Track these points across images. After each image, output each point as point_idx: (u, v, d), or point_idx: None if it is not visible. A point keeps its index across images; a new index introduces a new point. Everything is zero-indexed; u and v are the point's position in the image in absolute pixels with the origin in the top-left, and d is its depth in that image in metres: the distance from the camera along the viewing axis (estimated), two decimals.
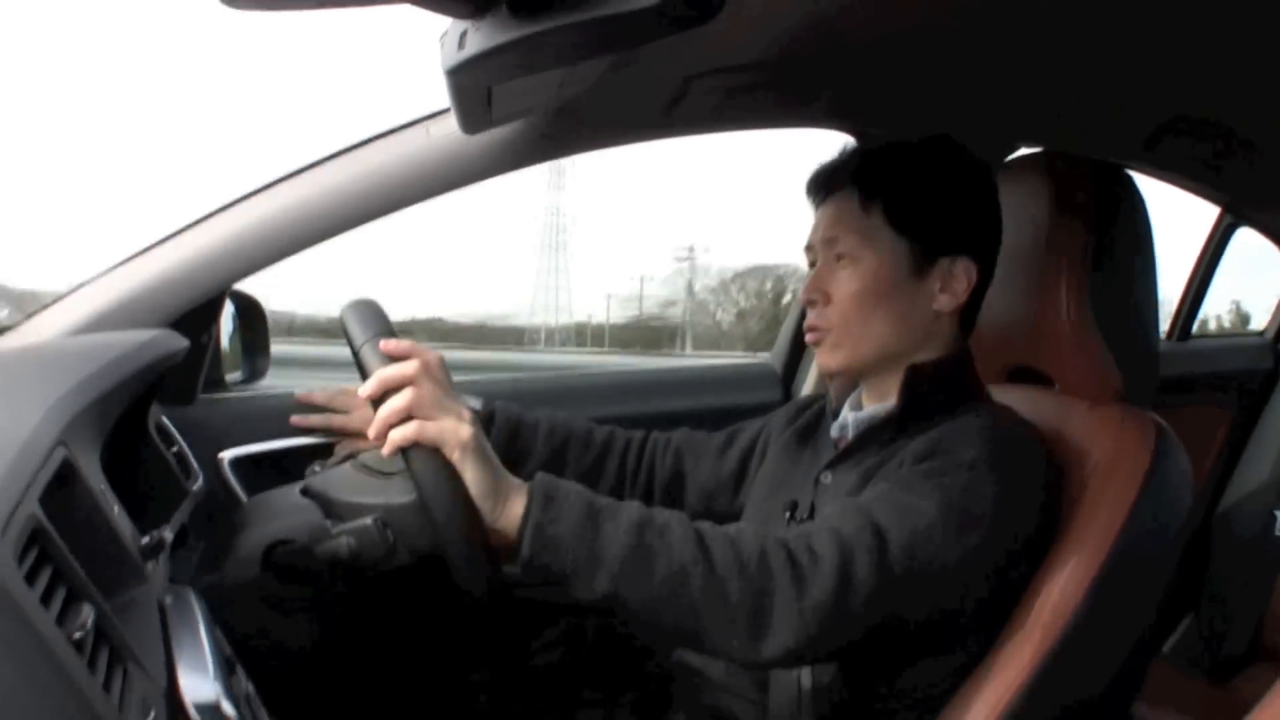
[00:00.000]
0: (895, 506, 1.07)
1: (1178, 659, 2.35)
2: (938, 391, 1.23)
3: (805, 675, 1.17)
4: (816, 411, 1.44)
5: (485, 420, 1.45)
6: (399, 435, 1.00)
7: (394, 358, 1.03)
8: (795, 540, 1.04)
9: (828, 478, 1.28)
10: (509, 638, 1.69)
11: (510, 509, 1.01)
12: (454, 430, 1.00)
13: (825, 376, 1.34)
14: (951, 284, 1.24)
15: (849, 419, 1.31)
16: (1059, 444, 1.24)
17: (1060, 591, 1.13)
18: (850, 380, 1.34)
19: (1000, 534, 1.09)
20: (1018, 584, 1.16)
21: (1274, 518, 2.32)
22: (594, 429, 1.57)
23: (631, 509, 1.03)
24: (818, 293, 1.27)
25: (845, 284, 1.25)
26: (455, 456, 1.00)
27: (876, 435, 1.25)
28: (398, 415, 1.00)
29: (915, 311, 1.24)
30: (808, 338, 1.29)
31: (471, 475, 1.00)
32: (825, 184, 1.30)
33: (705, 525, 1.04)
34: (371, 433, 1.03)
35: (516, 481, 1.04)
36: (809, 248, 1.32)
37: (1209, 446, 2.46)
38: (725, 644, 1.02)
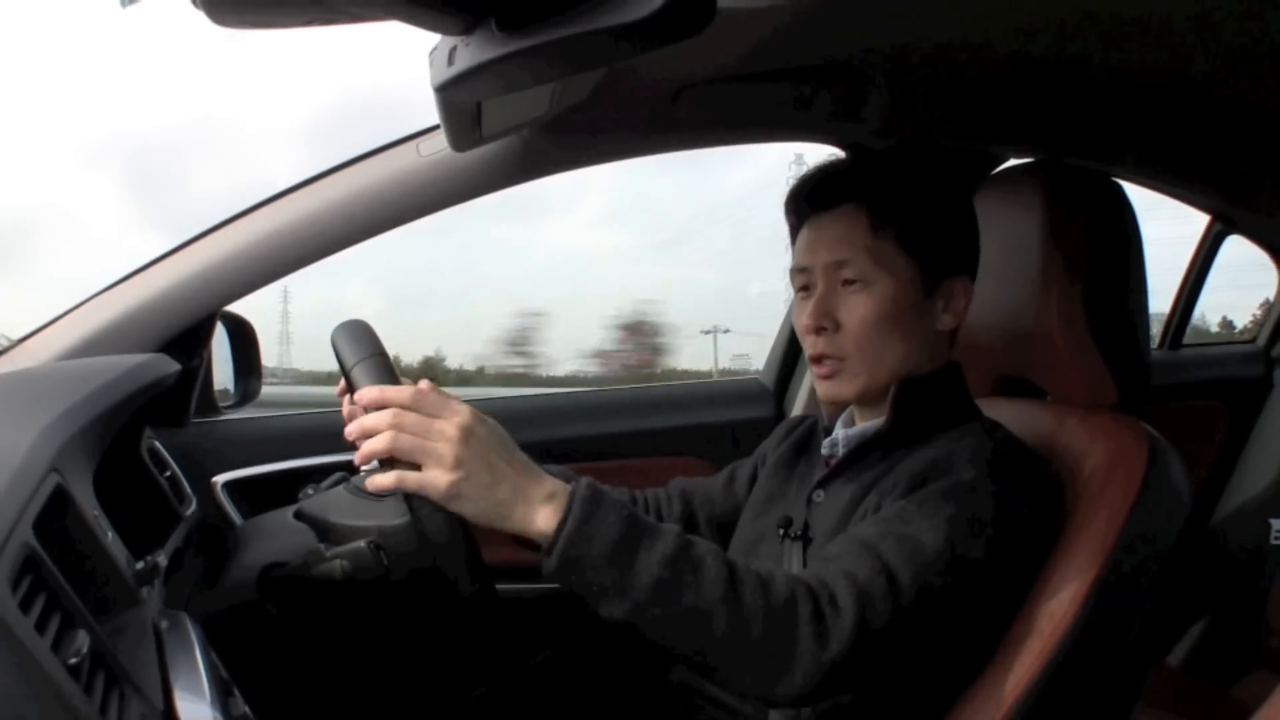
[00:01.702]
0: (901, 545, 1.05)
1: (1177, 665, 2.35)
2: (929, 406, 1.22)
3: None
4: (807, 429, 1.42)
5: None
6: (378, 482, 0.97)
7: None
8: (819, 588, 1.01)
9: (820, 495, 1.26)
10: (505, 657, 1.68)
11: (539, 517, 0.98)
12: (434, 483, 0.95)
13: (829, 403, 1.30)
14: (952, 303, 1.23)
15: (840, 436, 1.29)
16: (1053, 454, 1.24)
17: (1058, 602, 1.12)
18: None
19: (1000, 553, 1.08)
20: (1015, 598, 1.15)
21: (1269, 526, 2.32)
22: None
23: (669, 537, 0.99)
24: (826, 319, 1.22)
25: (858, 309, 1.20)
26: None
27: (868, 452, 1.24)
28: (379, 447, 0.96)
29: (923, 333, 1.22)
30: (819, 369, 1.24)
31: (472, 512, 0.97)
32: (824, 199, 1.25)
33: (740, 564, 1.00)
34: (356, 459, 0.99)
35: (549, 484, 1.00)
36: (803, 270, 1.26)
37: (1202, 455, 2.46)
38: (738, 681, 1.00)
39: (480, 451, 0.97)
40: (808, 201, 1.27)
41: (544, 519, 0.97)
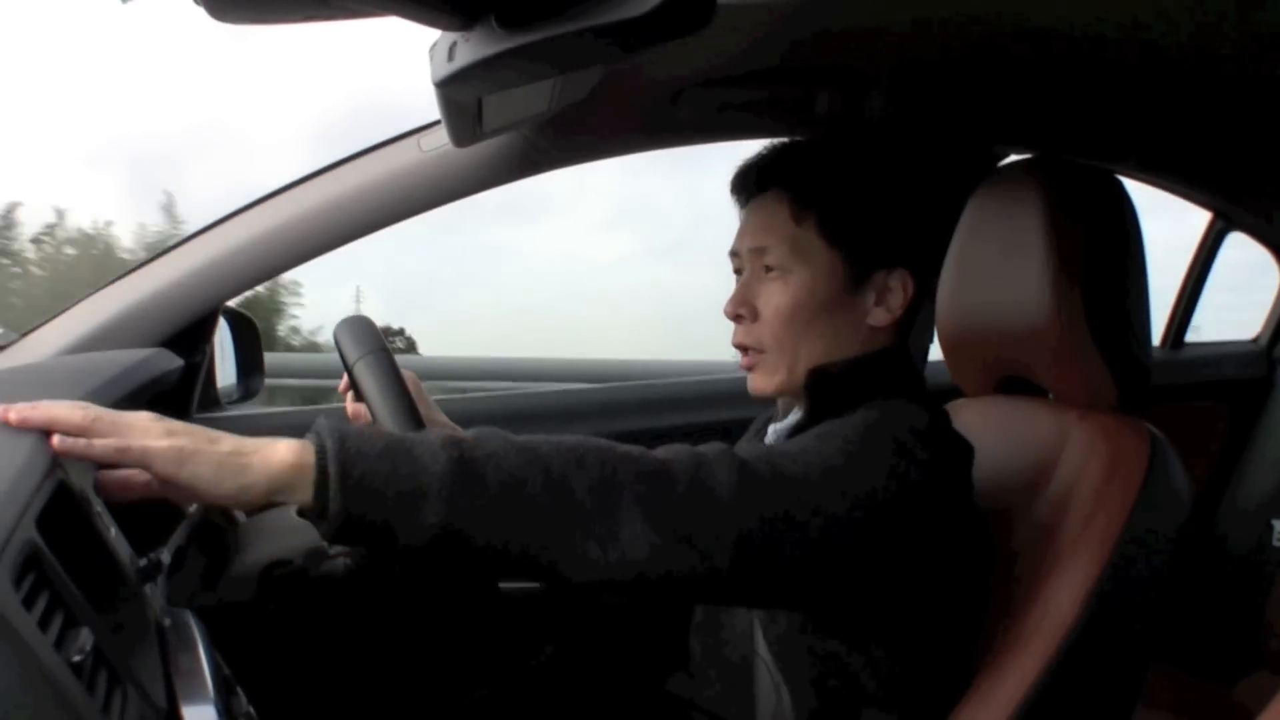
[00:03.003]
0: (754, 452, 0.99)
1: (1178, 666, 2.35)
2: (844, 391, 1.17)
3: (786, 698, 1.16)
4: (764, 425, 1.40)
5: None
6: (107, 479, 0.89)
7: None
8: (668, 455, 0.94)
9: None
10: (504, 658, 1.69)
11: (280, 453, 0.86)
12: (155, 449, 0.84)
13: (755, 397, 1.25)
14: (887, 298, 1.19)
15: (770, 431, 1.28)
16: (1053, 454, 1.24)
17: (1057, 603, 1.12)
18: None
19: (873, 515, 0.99)
20: (967, 589, 1.13)
21: (1271, 526, 2.32)
22: None
23: (432, 431, 0.91)
24: (744, 307, 1.20)
25: (774, 298, 1.18)
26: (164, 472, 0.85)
27: None
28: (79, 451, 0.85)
29: (849, 327, 1.19)
30: (742, 361, 1.22)
31: (208, 471, 0.84)
32: (752, 184, 1.24)
33: (519, 436, 0.91)
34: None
35: (263, 440, 0.87)
36: (734, 254, 1.24)
37: (1204, 454, 2.46)
38: (582, 554, 0.88)
39: (185, 425, 0.87)
40: (741, 185, 1.26)
41: (285, 447, 0.86)
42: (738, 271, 1.24)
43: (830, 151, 1.24)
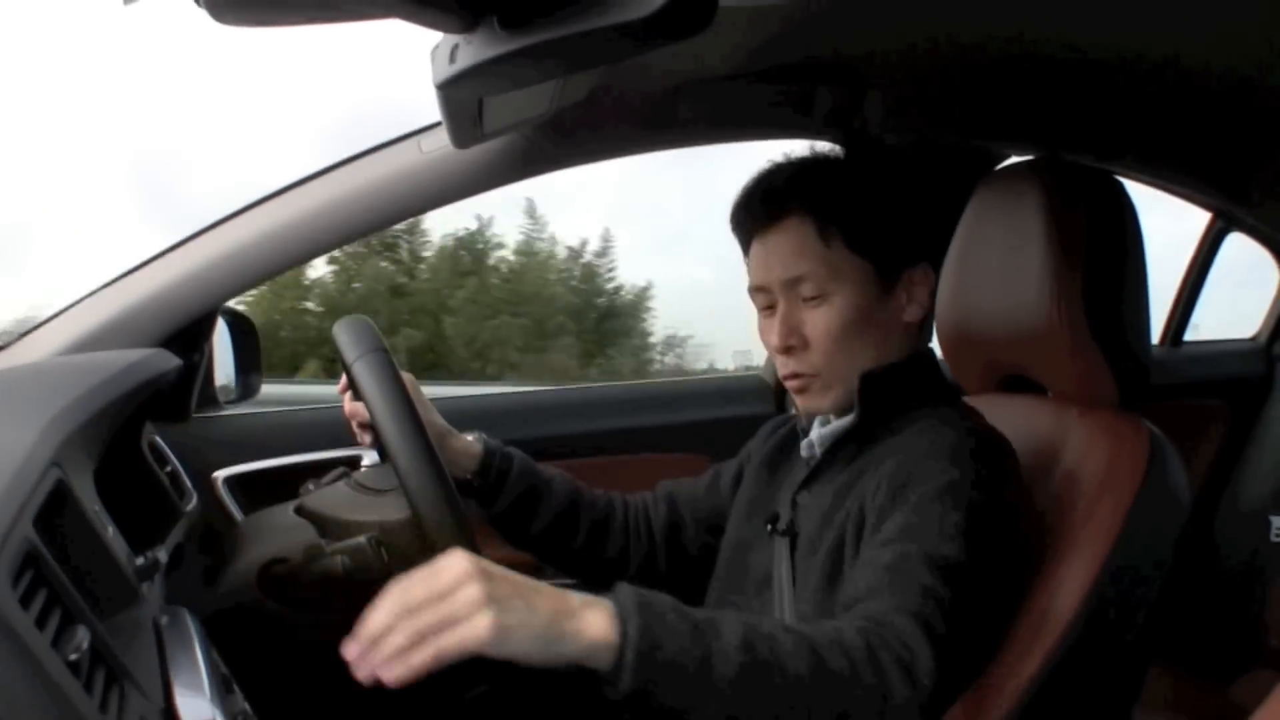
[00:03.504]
0: (928, 563, 1.03)
1: (1177, 664, 2.35)
2: (895, 396, 1.21)
3: None
4: (790, 429, 1.41)
5: (502, 464, 1.37)
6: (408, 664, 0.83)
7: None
8: (885, 629, 0.98)
9: (804, 497, 1.26)
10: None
11: (590, 623, 0.86)
12: (475, 634, 0.81)
13: (808, 414, 1.28)
14: (915, 293, 1.22)
15: (815, 437, 1.28)
16: (1053, 452, 1.24)
17: (1058, 601, 1.12)
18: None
19: (1001, 538, 1.09)
20: (1019, 582, 1.15)
21: (1270, 524, 2.32)
22: (583, 485, 1.46)
23: (731, 620, 0.93)
24: (794, 337, 1.20)
25: (822, 323, 1.19)
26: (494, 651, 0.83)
27: (842, 450, 1.23)
28: (404, 648, 0.83)
29: (888, 329, 1.22)
30: (792, 385, 1.23)
31: (528, 644, 0.84)
32: (762, 214, 1.22)
33: (806, 628, 0.96)
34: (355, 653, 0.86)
35: (580, 598, 0.88)
36: (761, 289, 1.22)
37: (1203, 452, 2.46)
38: None
39: (499, 578, 0.85)
40: (751, 216, 1.23)
41: (597, 623, 0.87)
42: (767, 307, 1.23)
43: (842, 166, 1.24)
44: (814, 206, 1.18)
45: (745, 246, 1.26)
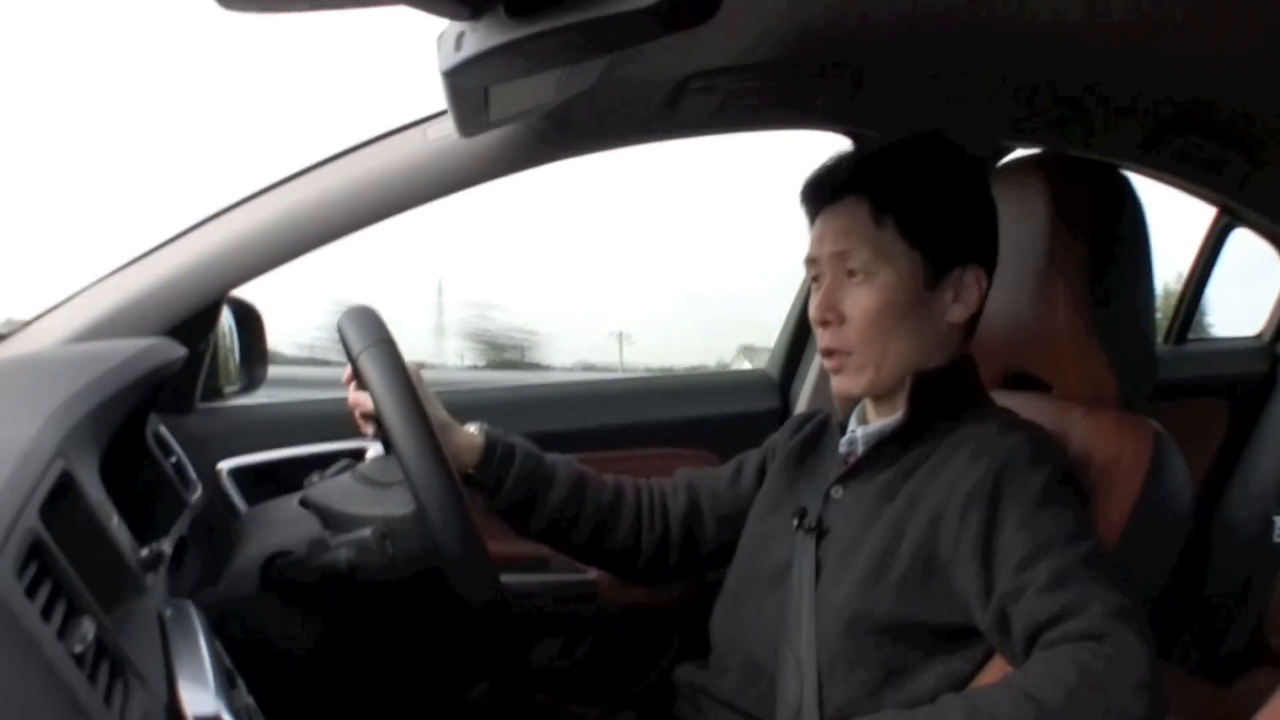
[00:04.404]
0: (1085, 561, 1.04)
1: (1179, 663, 2.35)
2: (943, 401, 1.22)
3: (810, 691, 1.16)
4: (818, 425, 1.42)
5: (504, 456, 1.37)
6: None
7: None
8: (1089, 637, 0.99)
9: (839, 492, 1.26)
10: (508, 650, 1.68)
11: None
12: None
13: (841, 399, 1.30)
14: (963, 294, 1.23)
15: (859, 434, 1.29)
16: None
17: None
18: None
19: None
20: None
21: (1272, 523, 2.31)
22: (594, 472, 1.47)
23: (952, 709, 0.99)
24: (831, 311, 1.23)
25: (861, 301, 1.21)
26: None
27: (886, 448, 1.24)
28: None
29: (929, 325, 1.22)
30: (827, 363, 1.25)
31: None
32: (829, 191, 1.26)
33: (1016, 677, 0.99)
34: None
35: None
36: (813, 260, 1.27)
37: (1206, 450, 2.46)
38: None
39: None
40: (816, 193, 1.27)
41: None
42: (815, 279, 1.26)
43: (904, 155, 1.25)
44: (872, 190, 1.21)
45: (811, 221, 1.29)
